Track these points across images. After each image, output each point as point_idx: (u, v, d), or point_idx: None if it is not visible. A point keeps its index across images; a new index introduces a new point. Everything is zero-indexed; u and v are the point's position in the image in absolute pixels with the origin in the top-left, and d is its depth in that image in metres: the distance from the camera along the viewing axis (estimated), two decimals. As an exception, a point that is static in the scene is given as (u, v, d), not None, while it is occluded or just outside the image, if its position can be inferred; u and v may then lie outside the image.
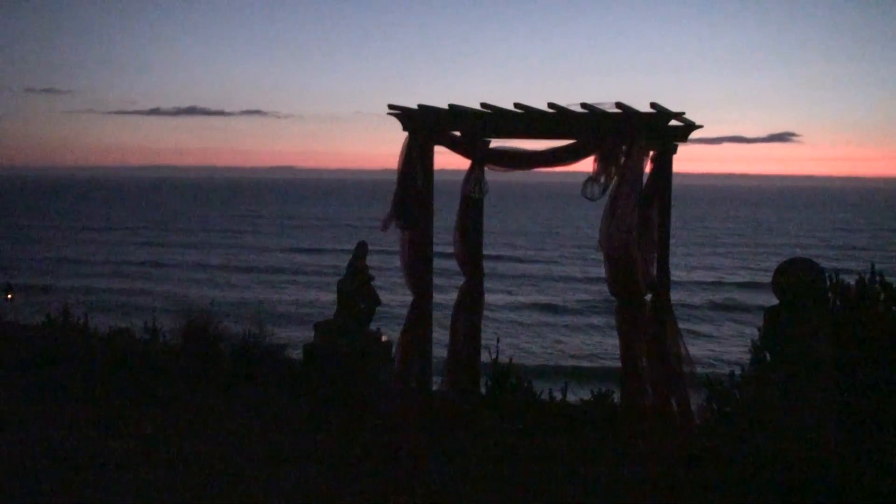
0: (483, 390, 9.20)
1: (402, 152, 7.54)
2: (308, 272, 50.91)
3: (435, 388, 8.15)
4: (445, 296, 10.73)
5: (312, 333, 9.89)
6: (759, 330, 7.08)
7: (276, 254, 61.69)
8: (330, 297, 35.82)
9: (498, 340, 10.66)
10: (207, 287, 42.92)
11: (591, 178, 7.00)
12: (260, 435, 8.00)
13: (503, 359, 9.90)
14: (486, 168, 8.01)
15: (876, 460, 6.44)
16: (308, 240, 73.81)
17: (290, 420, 8.77)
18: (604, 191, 6.99)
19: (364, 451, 7.50)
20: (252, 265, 53.97)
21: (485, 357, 9.00)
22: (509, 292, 41.41)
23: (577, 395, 9.63)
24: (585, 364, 24.89)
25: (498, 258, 52.68)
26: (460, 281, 8.41)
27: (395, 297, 23.30)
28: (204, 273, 49.75)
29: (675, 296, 7.66)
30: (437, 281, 7.94)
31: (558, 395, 9.46)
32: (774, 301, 6.71)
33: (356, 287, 9.69)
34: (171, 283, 44.29)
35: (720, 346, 29.14)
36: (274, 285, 44.99)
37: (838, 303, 7.69)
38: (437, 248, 7.84)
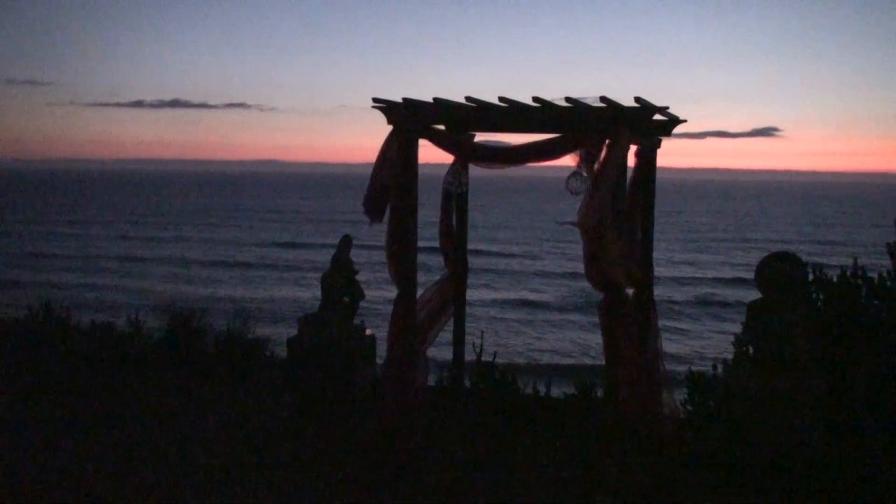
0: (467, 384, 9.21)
1: (383, 145, 7.53)
2: (287, 267, 49.72)
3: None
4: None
5: (295, 328, 9.88)
6: (741, 325, 7.12)
7: (255, 248, 60.25)
8: (309, 294, 35.52)
9: (482, 335, 10.66)
10: (183, 283, 41.90)
11: (575, 173, 7.00)
12: (242, 440, 7.93)
13: (487, 354, 9.90)
14: (470, 163, 8.01)
15: (859, 452, 6.49)
16: (289, 234, 72.46)
17: (275, 416, 8.76)
18: (587, 185, 7.00)
19: (353, 449, 7.50)
20: (230, 260, 52.69)
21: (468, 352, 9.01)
22: (490, 287, 41.22)
23: (562, 389, 9.64)
24: (567, 361, 24.78)
25: (478, 252, 52.28)
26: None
27: (376, 293, 23.15)
28: (180, 268, 48.46)
29: (656, 291, 7.67)
30: (423, 278, 7.92)
31: (542, 390, 9.46)
32: (756, 296, 6.75)
33: (340, 281, 9.68)
34: (146, 279, 43.14)
35: (700, 342, 29.06)
36: (252, 280, 44.02)
37: (821, 297, 7.73)
38: (423, 243, 7.83)
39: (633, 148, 7.20)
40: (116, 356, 10.63)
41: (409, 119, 7.46)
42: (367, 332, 9.79)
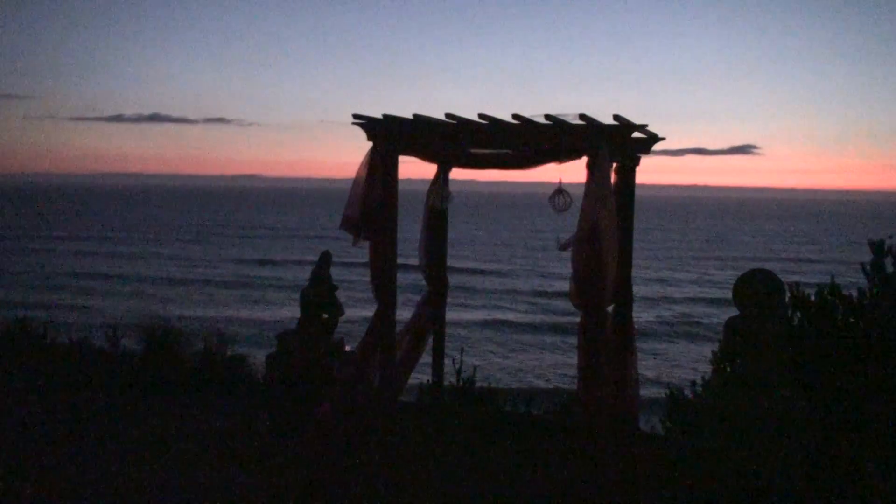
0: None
1: (363, 161, 7.53)
2: (263, 286, 48.46)
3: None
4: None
5: (273, 346, 9.84)
6: (719, 342, 7.14)
7: (230, 265, 59.23)
8: (285, 313, 34.70)
9: (462, 351, 10.66)
10: (153, 301, 40.36)
11: (559, 190, 7.03)
12: (216, 462, 7.86)
13: (466, 369, 9.91)
14: (450, 176, 8.03)
15: (838, 470, 6.51)
16: (268, 251, 71.36)
17: (252, 434, 8.70)
18: (569, 203, 7.03)
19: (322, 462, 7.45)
20: (204, 277, 51.32)
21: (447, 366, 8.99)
22: (465, 306, 40.60)
23: (541, 408, 9.65)
24: (541, 384, 24.45)
25: (457, 270, 51.41)
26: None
27: (354, 311, 22.84)
28: (152, 287, 46.90)
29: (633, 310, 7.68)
30: (409, 295, 7.91)
31: (522, 408, 9.48)
32: (732, 313, 6.77)
33: (320, 297, 9.65)
34: (113, 298, 41.69)
35: (674, 363, 28.69)
36: (222, 301, 42.49)
37: (798, 314, 7.78)
38: (406, 261, 7.82)
39: (612, 165, 7.24)
40: (95, 375, 10.53)
41: (389, 135, 7.47)
42: (347, 348, 9.76)
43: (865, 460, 6.50)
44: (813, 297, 7.78)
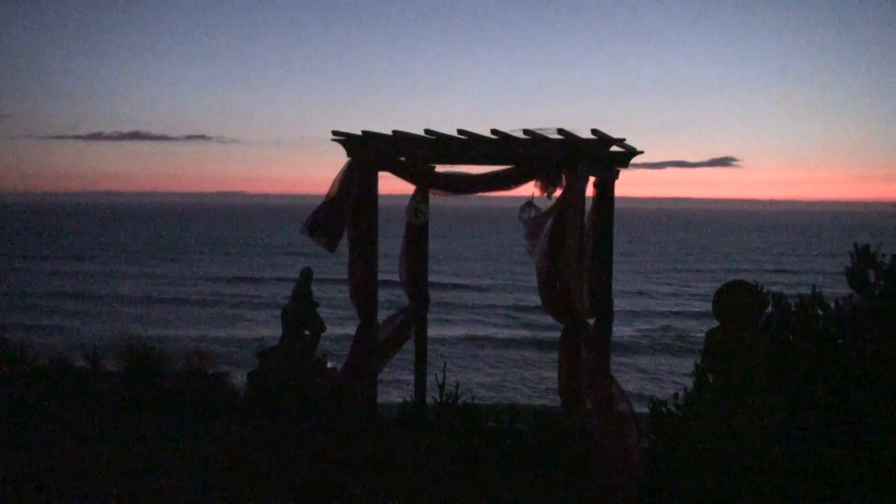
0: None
1: (339, 175, 7.51)
2: (239, 304, 47.03)
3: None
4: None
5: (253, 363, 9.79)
6: (700, 353, 7.16)
7: (207, 283, 57.77)
8: (262, 332, 34.03)
9: (445, 365, 10.62)
10: (128, 322, 38.70)
11: (530, 203, 7.06)
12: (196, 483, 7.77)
13: (449, 385, 9.87)
14: (430, 193, 8.03)
15: (818, 476, 6.54)
16: (246, 268, 69.80)
17: (236, 455, 8.61)
18: (542, 215, 7.05)
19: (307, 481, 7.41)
20: (180, 296, 50.07)
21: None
22: (443, 321, 39.77)
23: (524, 424, 9.60)
24: (521, 399, 24.14)
25: (434, 285, 49.57)
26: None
27: (334, 329, 22.47)
28: (126, 306, 45.43)
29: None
30: (383, 314, 7.89)
31: (505, 423, 9.43)
32: (713, 325, 6.79)
33: (301, 313, 9.62)
34: (86, 319, 40.38)
35: (653, 375, 28.40)
36: (201, 319, 41.45)
37: (778, 324, 7.81)
38: (387, 277, 7.79)
39: (591, 179, 7.26)
40: (75, 395, 10.42)
41: (368, 151, 7.48)
42: (329, 364, 9.72)
43: (846, 467, 6.53)
44: (794, 308, 7.82)
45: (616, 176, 7.54)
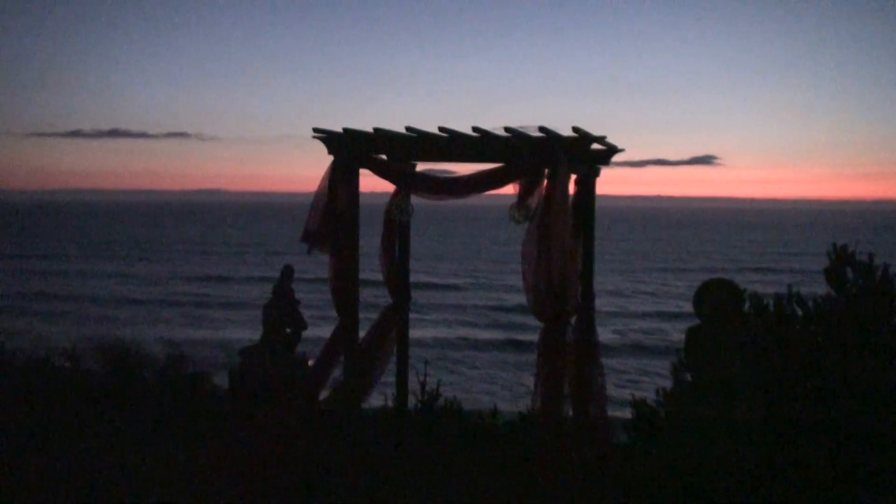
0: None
1: (325, 175, 7.51)
2: (212, 305, 45.93)
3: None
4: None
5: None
6: (680, 351, 7.20)
7: (184, 283, 56.60)
8: (237, 335, 32.85)
9: (426, 364, 10.63)
10: (99, 323, 37.84)
11: (517, 203, 7.06)
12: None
13: (431, 382, 9.88)
14: (411, 193, 8.00)
15: (796, 476, 6.58)
16: (221, 267, 68.18)
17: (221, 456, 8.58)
18: (529, 215, 7.05)
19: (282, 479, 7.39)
20: (152, 297, 48.86)
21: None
22: (422, 321, 38.88)
23: (503, 421, 9.64)
24: (500, 402, 23.56)
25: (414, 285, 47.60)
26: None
27: (314, 330, 21.98)
28: (95, 307, 44.15)
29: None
30: (364, 314, 7.82)
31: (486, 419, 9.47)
32: (694, 321, 6.82)
33: (282, 311, 9.59)
34: (56, 320, 39.09)
35: (630, 376, 28.02)
36: (174, 320, 40.38)
37: (757, 322, 7.85)
38: (365, 276, 7.75)
39: (573, 177, 7.27)
40: (55, 392, 10.34)
41: (349, 149, 7.46)
42: (310, 362, 9.70)
43: (822, 463, 6.57)
44: (772, 306, 7.87)
45: (597, 174, 7.55)
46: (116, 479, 7.41)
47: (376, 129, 7.43)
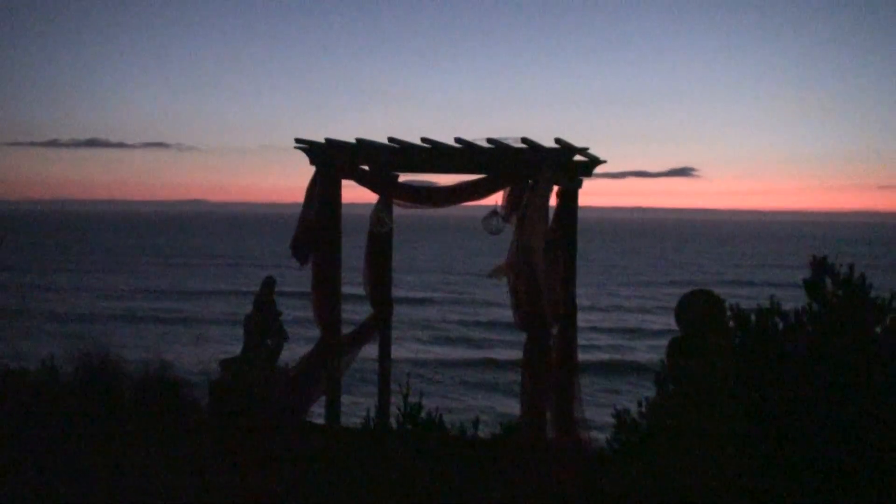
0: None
1: (309, 186, 7.49)
2: (192, 320, 43.71)
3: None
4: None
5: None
6: (662, 362, 7.22)
7: (156, 297, 54.09)
8: (189, 358, 31.40)
9: (408, 375, 10.61)
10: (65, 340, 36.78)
11: (494, 212, 7.06)
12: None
13: (414, 395, 9.85)
14: (394, 203, 7.99)
15: (779, 484, 6.60)
16: (193, 280, 65.50)
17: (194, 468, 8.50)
18: (505, 223, 7.06)
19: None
20: (120, 312, 46.68)
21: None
22: (398, 339, 37.24)
23: (489, 430, 9.63)
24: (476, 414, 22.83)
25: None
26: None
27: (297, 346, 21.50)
28: (58, 324, 41.57)
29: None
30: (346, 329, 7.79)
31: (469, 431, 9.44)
32: (676, 333, 6.84)
33: (264, 322, 9.52)
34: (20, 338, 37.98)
35: (612, 389, 27.46)
36: (146, 336, 37.79)
37: (739, 333, 7.89)
38: (347, 289, 7.71)
39: (555, 188, 7.28)
40: (29, 401, 10.21)
41: (331, 159, 7.44)
42: (292, 374, 9.63)
43: (804, 471, 6.60)
44: (753, 317, 7.91)
45: (580, 185, 7.57)
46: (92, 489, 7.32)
47: (359, 140, 7.42)
